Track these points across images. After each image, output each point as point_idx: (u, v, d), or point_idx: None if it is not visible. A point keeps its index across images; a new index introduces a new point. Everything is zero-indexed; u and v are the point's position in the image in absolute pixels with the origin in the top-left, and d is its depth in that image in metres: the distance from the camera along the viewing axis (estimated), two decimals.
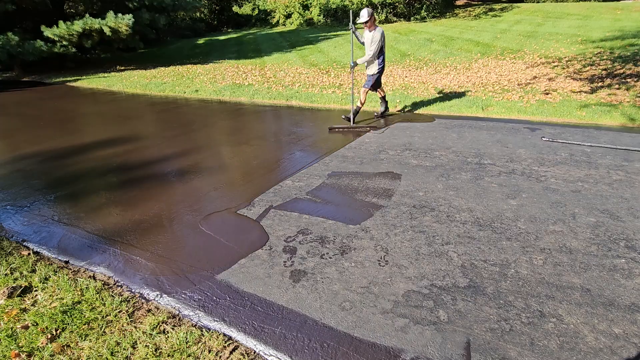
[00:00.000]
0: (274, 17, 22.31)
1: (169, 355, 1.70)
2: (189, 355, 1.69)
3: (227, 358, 1.67)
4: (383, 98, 5.63)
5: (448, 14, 17.11)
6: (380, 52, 5.08)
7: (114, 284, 2.23)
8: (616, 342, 1.65)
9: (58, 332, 1.88)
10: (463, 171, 3.55)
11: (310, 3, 19.68)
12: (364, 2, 17.24)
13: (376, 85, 5.32)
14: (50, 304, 2.08)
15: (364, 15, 4.77)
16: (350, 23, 5.02)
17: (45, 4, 12.76)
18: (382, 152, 4.17)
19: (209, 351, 1.71)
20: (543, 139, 4.32)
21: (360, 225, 2.70)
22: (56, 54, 12.24)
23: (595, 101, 5.56)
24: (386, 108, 5.74)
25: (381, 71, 5.18)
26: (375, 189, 3.26)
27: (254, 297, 2.05)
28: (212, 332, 1.82)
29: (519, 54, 9.54)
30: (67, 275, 2.31)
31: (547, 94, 6.18)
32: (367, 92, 5.35)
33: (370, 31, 4.94)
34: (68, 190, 3.61)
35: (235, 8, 25.22)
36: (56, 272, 2.36)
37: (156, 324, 1.88)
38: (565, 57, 8.57)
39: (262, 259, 2.37)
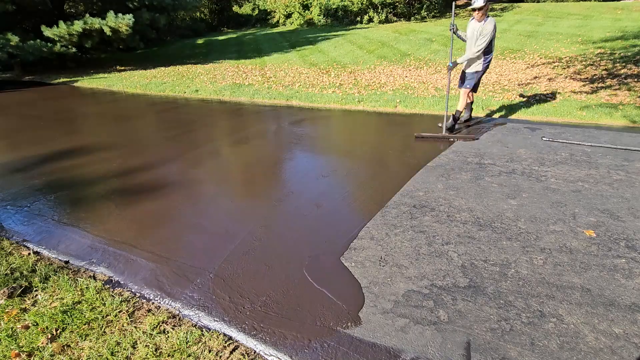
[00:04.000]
0: (274, 17, 22.32)
1: (169, 355, 1.70)
2: (189, 355, 1.69)
3: (227, 358, 1.67)
4: (470, 104, 4.89)
5: (448, 13, 17.10)
6: (489, 48, 4.25)
7: (114, 284, 2.23)
8: (616, 342, 1.65)
9: (58, 332, 1.88)
10: (463, 171, 3.55)
11: (310, 3, 19.68)
12: (364, 2, 17.25)
13: (477, 86, 4.58)
14: (51, 303, 2.08)
15: (479, 0, 3.93)
16: (452, 22, 4.19)
17: (45, 4, 12.75)
18: None
19: (209, 351, 1.71)
20: (543, 138, 4.32)
21: (361, 225, 2.70)
22: (56, 53, 12.24)
23: (596, 101, 5.56)
24: (470, 116, 5.09)
25: (485, 69, 4.41)
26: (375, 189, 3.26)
27: (253, 296, 2.05)
28: (212, 332, 1.82)
29: (519, 54, 9.54)
30: (67, 275, 2.31)
31: (548, 94, 6.18)
32: (468, 94, 4.49)
33: (479, 21, 4.11)
34: (68, 190, 3.61)
35: (235, 8, 25.23)
36: (56, 272, 2.36)
37: (156, 324, 1.88)
38: (565, 57, 8.57)
39: None
